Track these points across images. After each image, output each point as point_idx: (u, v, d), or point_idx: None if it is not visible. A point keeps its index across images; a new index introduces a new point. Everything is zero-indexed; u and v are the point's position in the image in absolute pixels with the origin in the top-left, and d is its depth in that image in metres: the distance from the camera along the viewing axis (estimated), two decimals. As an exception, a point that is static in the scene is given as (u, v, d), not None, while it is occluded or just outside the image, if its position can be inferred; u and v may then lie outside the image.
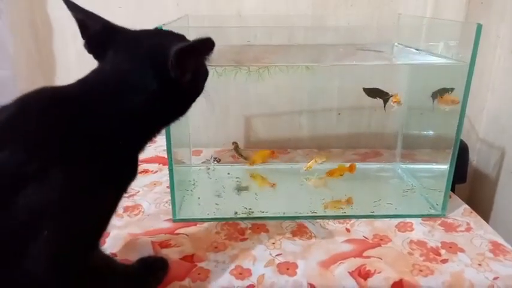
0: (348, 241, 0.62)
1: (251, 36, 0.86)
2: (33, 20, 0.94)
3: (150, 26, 0.94)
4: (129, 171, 0.45)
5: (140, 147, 0.47)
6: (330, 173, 0.73)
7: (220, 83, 0.89)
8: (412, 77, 0.83)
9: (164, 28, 0.58)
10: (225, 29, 0.90)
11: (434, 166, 0.77)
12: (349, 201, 0.71)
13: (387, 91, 0.75)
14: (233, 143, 0.85)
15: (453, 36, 0.70)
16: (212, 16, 0.91)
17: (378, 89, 0.77)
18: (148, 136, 0.47)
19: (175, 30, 0.68)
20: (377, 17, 0.93)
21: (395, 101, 0.73)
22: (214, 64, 0.73)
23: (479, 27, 0.59)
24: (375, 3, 0.92)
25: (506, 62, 0.87)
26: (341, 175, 0.74)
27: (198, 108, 0.95)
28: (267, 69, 0.72)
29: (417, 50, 0.77)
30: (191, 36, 0.83)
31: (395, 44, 0.86)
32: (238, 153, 0.83)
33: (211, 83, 0.90)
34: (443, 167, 0.68)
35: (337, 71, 0.87)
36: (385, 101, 0.75)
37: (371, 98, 0.76)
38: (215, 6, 0.93)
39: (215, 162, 0.89)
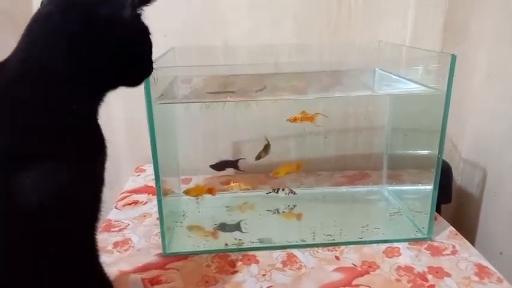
0: (338, 269, 0.63)
1: (237, 66, 0.88)
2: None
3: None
4: (97, 139, 0.44)
5: (96, 105, 0.46)
6: (275, 173, 0.76)
7: (208, 111, 0.91)
8: (394, 101, 0.86)
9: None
10: (212, 60, 0.92)
11: (420, 187, 0.79)
12: (299, 216, 0.76)
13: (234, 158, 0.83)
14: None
15: (432, 62, 0.73)
16: (198, 47, 0.93)
17: (222, 161, 0.83)
18: (99, 93, 0.47)
19: (164, 65, 0.71)
20: (358, 44, 0.96)
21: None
22: (202, 100, 0.76)
23: (453, 58, 0.61)
24: (356, 30, 0.96)
25: (484, 86, 0.90)
26: (287, 173, 0.78)
27: (187, 135, 0.98)
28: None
29: (397, 76, 0.80)
30: (179, 71, 0.85)
31: (377, 69, 0.89)
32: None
33: (199, 113, 0.92)
34: (428, 188, 0.70)
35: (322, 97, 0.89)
36: (235, 165, 0.81)
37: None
38: (201, 36, 0.95)
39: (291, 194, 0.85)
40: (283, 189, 0.83)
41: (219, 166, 0.82)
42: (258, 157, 0.69)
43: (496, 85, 0.88)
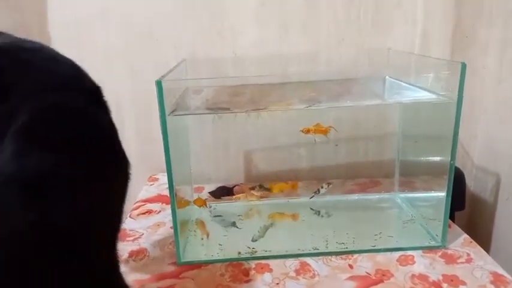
0: (351, 278, 0.63)
1: (247, 77, 0.89)
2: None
3: (149, 69, 0.98)
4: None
5: None
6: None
7: (219, 121, 0.92)
8: (405, 109, 0.86)
9: (164, 79, 0.61)
10: (222, 70, 0.94)
11: (433, 194, 0.78)
12: (294, 217, 0.78)
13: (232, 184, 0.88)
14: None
15: (441, 70, 0.73)
16: (208, 59, 0.95)
17: (220, 187, 0.88)
18: None
19: (175, 77, 0.72)
20: (367, 51, 0.97)
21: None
22: (214, 112, 0.77)
23: (463, 66, 0.62)
24: (365, 37, 0.96)
25: (494, 91, 0.90)
26: (281, 191, 0.82)
27: (199, 145, 0.99)
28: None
29: (407, 84, 0.80)
30: (191, 82, 0.87)
31: (387, 77, 0.89)
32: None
33: (211, 123, 0.94)
34: (441, 195, 0.70)
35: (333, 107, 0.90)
36: (231, 192, 0.86)
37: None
38: (211, 47, 0.96)
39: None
40: (322, 187, 0.84)
41: (216, 193, 0.88)
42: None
43: (506, 89, 0.87)
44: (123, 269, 0.64)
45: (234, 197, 0.83)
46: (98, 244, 0.40)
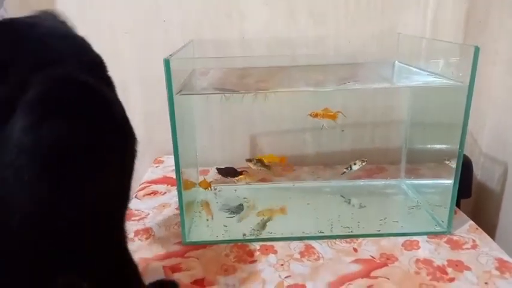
0: (356, 261, 0.63)
1: (254, 58, 0.88)
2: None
3: (155, 50, 0.97)
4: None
5: None
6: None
7: (226, 103, 0.91)
8: (414, 94, 0.85)
9: (172, 58, 0.60)
10: (229, 53, 0.93)
11: (439, 181, 0.78)
12: (282, 210, 0.76)
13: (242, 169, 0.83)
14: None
15: (453, 55, 0.72)
16: (216, 41, 0.94)
17: (228, 168, 0.85)
18: None
19: (182, 57, 0.71)
20: (377, 36, 0.95)
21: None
22: (221, 92, 0.76)
23: (477, 50, 0.60)
24: (374, 22, 0.95)
25: (505, 78, 0.88)
26: (269, 162, 0.80)
27: (205, 128, 0.98)
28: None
29: (417, 69, 0.79)
30: (198, 63, 0.86)
31: (396, 62, 0.88)
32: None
33: (218, 105, 0.93)
34: (448, 182, 0.69)
35: (339, 90, 0.89)
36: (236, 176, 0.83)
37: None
38: (218, 30, 0.95)
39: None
40: (354, 163, 0.82)
41: (223, 171, 0.86)
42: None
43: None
44: (129, 247, 0.65)
45: (236, 179, 0.83)
46: (108, 217, 0.41)
